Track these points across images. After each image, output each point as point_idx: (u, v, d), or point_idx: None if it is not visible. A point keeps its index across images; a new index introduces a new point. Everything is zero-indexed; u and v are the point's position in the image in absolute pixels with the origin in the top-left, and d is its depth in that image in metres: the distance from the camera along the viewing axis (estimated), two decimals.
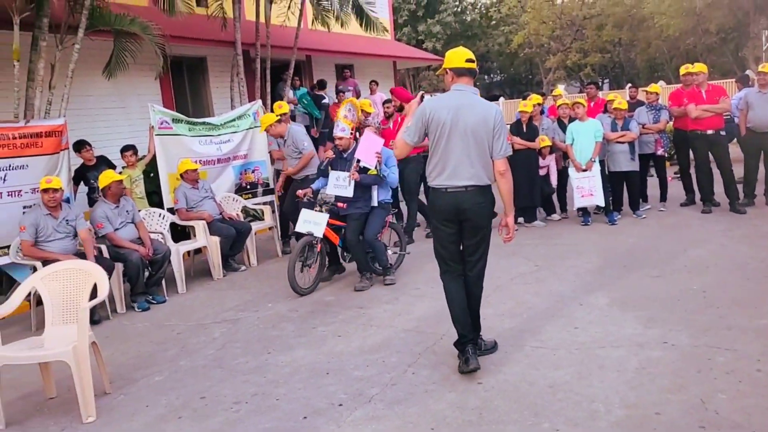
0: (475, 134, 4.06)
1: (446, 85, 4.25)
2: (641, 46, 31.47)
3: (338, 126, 6.66)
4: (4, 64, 7.70)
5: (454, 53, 4.19)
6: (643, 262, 6.61)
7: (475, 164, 4.09)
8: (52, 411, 4.31)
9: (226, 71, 11.92)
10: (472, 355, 4.19)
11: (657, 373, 4.02)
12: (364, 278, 6.60)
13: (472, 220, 4.17)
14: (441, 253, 4.33)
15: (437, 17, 31.86)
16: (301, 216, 6.58)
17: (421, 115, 4.14)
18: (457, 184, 4.11)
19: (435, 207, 4.25)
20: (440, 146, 4.11)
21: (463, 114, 4.06)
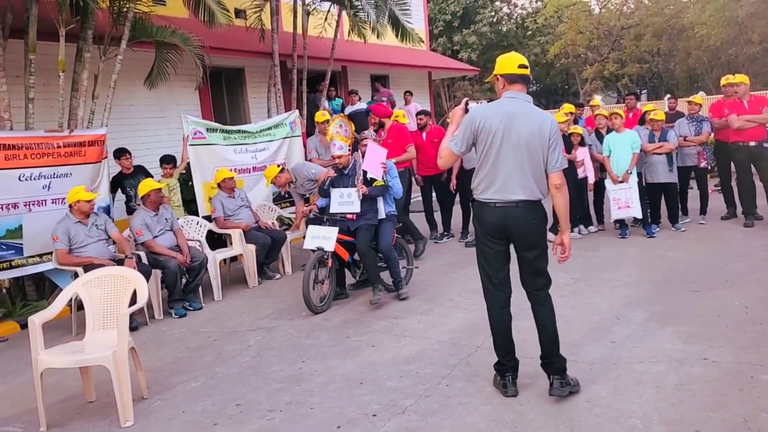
0: (529, 145, 3.79)
1: (497, 93, 3.99)
2: (681, 56, 30.97)
3: (335, 145, 6.59)
4: (50, 75, 7.91)
5: (506, 59, 3.93)
6: (683, 276, 6.49)
7: (528, 177, 3.81)
8: (92, 414, 4.39)
9: (263, 82, 12.07)
10: (511, 383, 4.05)
11: (697, 390, 3.94)
12: (377, 290, 6.37)
13: (522, 239, 3.90)
14: (486, 271, 4.04)
15: (473, 27, 31.80)
16: (309, 232, 6.41)
17: (469, 124, 3.86)
18: (508, 198, 3.82)
19: (482, 223, 3.96)
20: (490, 157, 3.82)
21: (517, 123, 3.78)
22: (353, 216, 6.42)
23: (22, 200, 6.81)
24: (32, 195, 6.88)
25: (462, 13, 32.12)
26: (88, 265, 6.16)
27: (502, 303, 4.05)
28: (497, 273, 4.01)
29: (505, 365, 4.07)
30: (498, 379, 4.13)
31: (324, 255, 6.30)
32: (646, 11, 30.89)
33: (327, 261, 6.35)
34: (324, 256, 6.30)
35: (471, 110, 3.96)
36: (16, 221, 6.78)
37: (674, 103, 11.63)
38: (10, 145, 6.68)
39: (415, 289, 6.84)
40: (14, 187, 6.74)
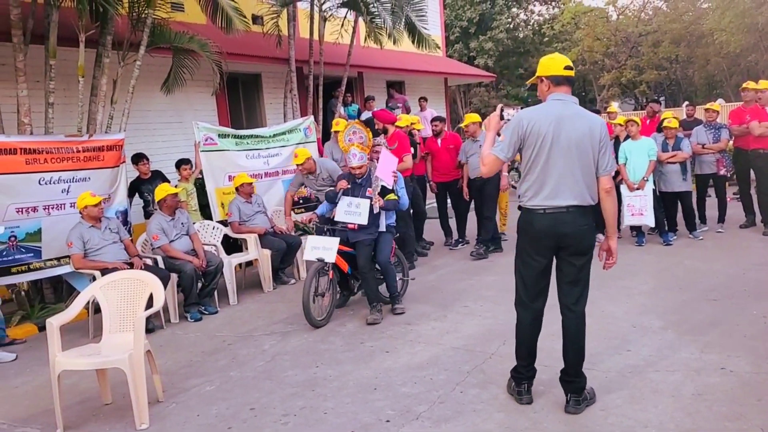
0: (579, 148, 3.67)
1: (541, 96, 3.86)
2: (699, 62, 30.75)
3: (354, 155, 6.27)
4: (70, 80, 8.01)
5: (551, 60, 3.81)
6: (700, 285, 6.44)
7: (579, 182, 3.69)
8: (108, 417, 4.43)
9: (279, 87, 12.14)
10: (526, 390, 4.02)
11: (714, 399, 3.90)
12: (374, 310, 6.15)
13: (573, 246, 3.76)
14: (525, 283, 3.91)
15: (489, 34, 31.77)
16: (309, 243, 6.19)
17: (516, 127, 3.73)
18: (558, 204, 3.69)
19: (529, 231, 3.80)
20: (539, 162, 3.69)
21: (566, 125, 3.66)
22: (355, 226, 6.19)
23: (42, 204, 6.88)
24: (51, 199, 6.96)
25: (478, 20, 32.12)
26: (105, 268, 6.23)
27: (535, 315, 3.95)
28: (536, 286, 3.89)
29: (523, 374, 4.03)
30: (513, 385, 4.09)
31: (325, 266, 6.10)
32: (665, 18, 30.72)
33: (327, 272, 6.14)
34: (324, 267, 6.11)
35: (518, 114, 3.78)
36: (36, 224, 6.86)
37: (692, 110, 11.53)
38: (31, 150, 6.76)
39: (429, 296, 6.84)
40: (34, 190, 6.82)
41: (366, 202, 6.19)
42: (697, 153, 8.91)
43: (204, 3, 9.18)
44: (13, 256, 6.69)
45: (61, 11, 7.33)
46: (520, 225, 3.89)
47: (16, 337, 6.44)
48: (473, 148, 8.47)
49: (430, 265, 8.38)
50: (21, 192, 6.71)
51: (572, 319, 3.88)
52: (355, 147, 6.30)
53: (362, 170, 6.32)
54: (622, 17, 32.73)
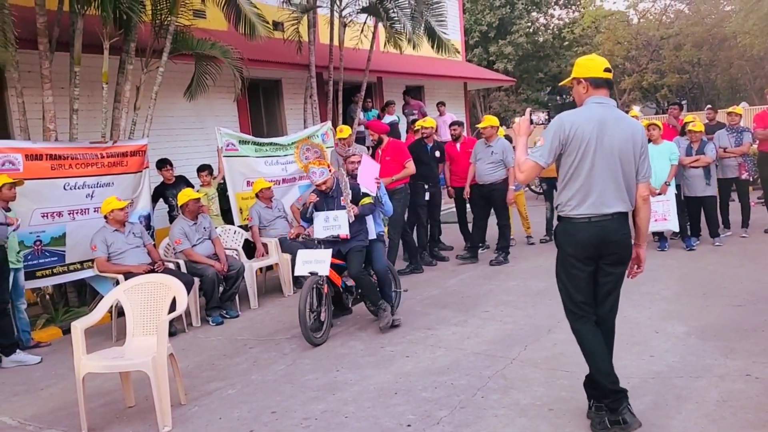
0: (622, 153, 3.54)
1: (577, 98, 3.72)
2: (722, 66, 30.43)
3: (314, 173, 6.10)
4: (94, 87, 8.12)
5: (590, 61, 3.66)
6: (724, 290, 6.37)
7: (622, 188, 3.57)
8: (131, 419, 4.47)
9: (299, 93, 12.20)
10: (630, 413, 3.55)
11: (739, 406, 3.86)
12: (382, 312, 5.96)
13: (617, 254, 3.63)
14: (574, 297, 3.69)
15: (509, 38, 31.70)
16: (299, 257, 5.90)
17: (558, 131, 3.54)
18: (604, 212, 3.55)
19: (573, 242, 3.63)
20: (583, 168, 3.53)
21: (610, 130, 3.52)
22: (347, 235, 5.99)
23: (67, 209, 6.99)
24: (76, 204, 7.07)
25: (498, 24, 32.06)
26: (128, 272, 6.31)
27: (594, 326, 3.70)
28: (586, 297, 3.69)
29: (618, 392, 3.58)
30: (610, 417, 3.59)
31: (319, 280, 5.80)
32: (686, 21, 30.45)
33: (322, 287, 5.85)
34: (319, 281, 5.81)
35: (558, 118, 3.64)
36: (60, 229, 6.96)
37: (712, 113, 11.32)
38: (56, 155, 6.88)
39: (449, 300, 6.83)
40: (59, 196, 6.93)
41: (343, 213, 6.01)
42: (720, 157, 8.82)
43: (226, 10, 9.26)
44: (38, 260, 6.79)
45: (86, 19, 7.44)
46: (562, 236, 3.70)
47: (41, 340, 6.53)
48: (483, 152, 8.39)
49: (450, 269, 8.38)
50: (46, 197, 6.82)
51: (608, 328, 3.75)
52: (313, 165, 6.20)
53: (328, 184, 6.12)
54: (643, 21, 32.51)
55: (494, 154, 8.33)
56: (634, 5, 32.49)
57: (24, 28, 7.02)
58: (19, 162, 6.56)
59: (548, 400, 4.15)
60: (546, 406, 4.08)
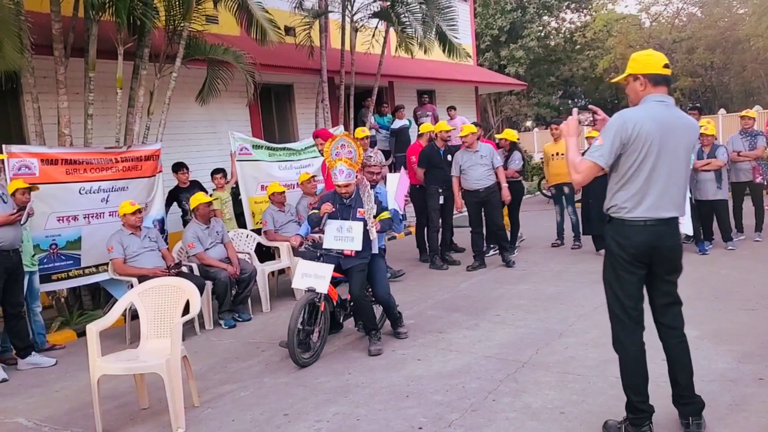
0: (684, 156, 3.43)
1: (632, 96, 3.53)
2: (735, 69, 30.28)
3: (341, 171, 5.53)
4: (108, 92, 8.21)
5: (648, 56, 3.46)
6: (737, 294, 6.34)
7: (680, 192, 3.45)
8: (145, 420, 4.52)
9: (311, 98, 12.28)
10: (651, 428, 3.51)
11: (752, 410, 3.85)
12: (374, 339, 5.59)
13: (671, 262, 3.52)
14: (623, 303, 3.52)
15: (520, 42, 31.70)
16: (299, 269, 5.49)
17: (620, 130, 3.35)
18: (661, 216, 3.40)
19: (626, 245, 3.45)
20: (643, 170, 3.35)
21: (673, 131, 3.37)
22: (352, 252, 5.54)
23: (82, 213, 7.08)
24: (91, 208, 7.15)
25: (509, 28, 32.07)
26: (143, 276, 6.37)
27: (641, 339, 3.57)
28: (637, 304, 3.52)
29: (645, 411, 3.53)
30: (629, 428, 3.57)
31: (316, 298, 5.40)
32: (699, 24, 30.32)
33: (319, 305, 5.43)
34: (316, 299, 5.41)
35: (620, 116, 3.42)
36: (76, 233, 7.04)
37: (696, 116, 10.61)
38: (71, 160, 6.97)
39: (460, 304, 6.84)
40: (75, 200, 7.01)
41: (359, 225, 5.52)
42: (733, 160, 8.79)
43: (239, 15, 9.34)
44: (53, 264, 6.87)
45: (101, 25, 7.54)
46: (614, 239, 3.52)
47: (56, 342, 6.60)
48: (471, 159, 8.36)
49: (462, 273, 8.39)
50: (62, 201, 6.90)
51: (677, 338, 3.62)
52: (342, 162, 5.57)
53: (349, 189, 5.60)
54: (655, 24, 32.41)
55: (484, 157, 8.35)
56: (646, 8, 32.40)
57: (39, 34, 7.11)
58: (35, 167, 6.64)
59: (559, 404, 4.15)
60: (557, 409, 4.08)
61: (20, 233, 5.89)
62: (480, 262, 8.65)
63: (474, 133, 8.47)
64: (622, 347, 3.58)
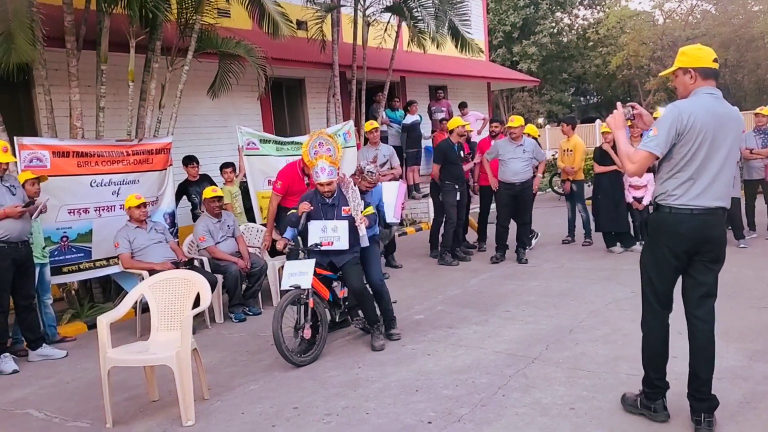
0: (733, 147, 3.53)
1: (681, 89, 3.62)
2: (749, 67, 30.05)
3: (323, 169, 5.40)
4: (120, 85, 8.23)
5: (698, 50, 3.56)
6: (748, 293, 6.29)
7: (728, 182, 3.55)
8: (155, 413, 4.53)
9: (322, 92, 12.27)
10: (663, 407, 3.71)
11: (763, 408, 3.82)
12: (377, 333, 5.57)
13: (715, 251, 3.58)
14: (656, 285, 3.66)
15: (533, 38, 31.59)
16: (285, 269, 5.39)
17: (675, 121, 3.44)
18: (708, 205, 3.48)
19: (673, 233, 3.54)
20: (696, 160, 3.45)
21: (724, 123, 3.48)
22: (330, 243, 5.45)
23: (93, 206, 7.10)
24: (102, 201, 7.17)
25: (522, 24, 31.96)
26: (152, 269, 6.38)
27: (667, 321, 3.73)
28: (669, 290, 3.66)
29: (660, 388, 3.73)
30: (643, 401, 3.79)
31: (302, 294, 5.28)
32: (713, 21, 30.10)
33: (307, 301, 5.29)
34: (302, 295, 5.29)
35: (675, 107, 3.50)
36: (87, 226, 7.07)
37: None
38: (83, 153, 6.99)
39: (470, 300, 6.83)
40: (86, 193, 7.03)
41: (344, 224, 5.44)
42: (746, 158, 8.71)
43: (251, 9, 9.33)
44: (64, 256, 6.90)
45: (113, 18, 7.55)
46: (658, 226, 3.64)
47: (67, 334, 6.63)
48: (513, 152, 8.41)
49: (472, 269, 8.37)
50: (73, 194, 6.93)
51: (706, 332, 3.62)
52: (323, 160, 5.50)
53: (332, 187, 5.48)
54: (668, 21, 32.19)
55: (526, 152, 8.43)
56: (659, 5, 32.17)
57: (51, 27, 7.14)
58: (46, 159, 6.67)
59: (569, 400, 4.13)
60: (567, 405, 4.06)
61: (28, 226, 5.88)
62: (502, 254, 8.69)
63: (522, 126, 8.60)
64: (648, 327, 3.75)
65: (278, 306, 5.22)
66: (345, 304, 5.80)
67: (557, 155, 10.02)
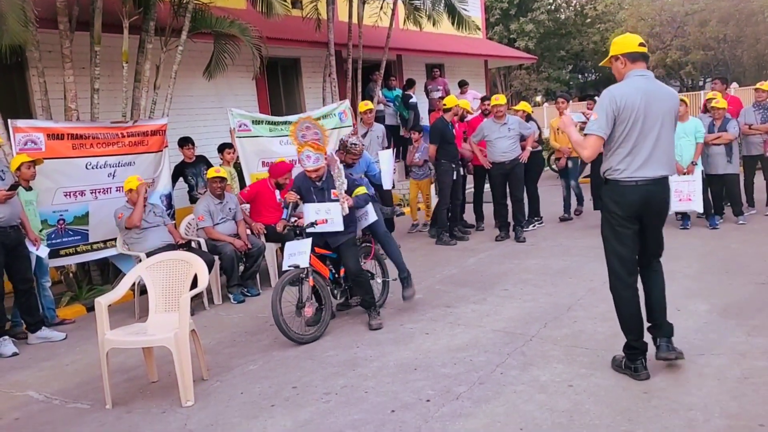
0: (665, 121, 3.88)
1: (616, 74, 4.01)
2: (749, 42, 29.81)
3: (309, 157, 5.43)
4: (114, 66, 8.17)
5: (625, 38, 3.97)
6: (747, 269, 6.29)
7: (668, 152, 3.93)
8: (154, 393, 4.54)
9: (318, 72, 12.17)
10: (643, 366, 4.01)
11: (761, 383, 3.82)
12: (374, 314, 5.60)
13: (661, 213, 4.02)
14: (620, 255, 4.00)
15: (530, 15, 31.32)
16: (286, 250, 5.46)
17: (610, 104, 3.82)
18: (651, 175, 3.86)
19: (621, 203, 3.92)
20: (632, 136, 3.83)
21: (655, 99, 3.84)
22: (324, 221, 5.49)
23: (89, 188, 7.08)
24: (98, 183, 7.15)
25: (519, 1, 31.67)
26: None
27: (634, 285, 4.06)
28: (632, 255, 4.01)
29: (638, 349, 4.04)
30: (625, 362, 4.11)
31: (301, 273, 5.35)
32: None
33: (307, 279, 5.37)
34: (301, 274, 5.36)
35: (608, 92, 3.89)
36: (83, 208, 7.05)
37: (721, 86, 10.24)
38: (78, 135, 6.95)
39: (468, 279, 6.83)
40: (81, 175, 7.00)
41: (336, 206, 5.49)
42: (745, 134, 8.68)
43: None
44: (61, 239, 6.89)
45: None
46: (610, 198, 4.00)
47: (66, 317, 6.64)
48: (498, 131, 8.38)
49: (470, 248, 8.37)
50: (69, 176, 6.90)
51: (660, 280, 4.16)
52: (308, 147, 5.47)
53: (319, 173, 5.52)
54: None
55: (511, 130, 8.39)
56: None
57: (44, 8, 7.07)
58: (41, 141, 6.63)
59: (567, 377, 4.14)
60: (565, 382, 4.07)
61: (17, 210, 5.82)
62: (506, 232, 8.70)
63: (506, 105, 8.58)
64: (618, 293, 4.09)
65: (277, 284, 5.31)
66: (345, 283, 5.88)
67: (549, 134, 9.95)
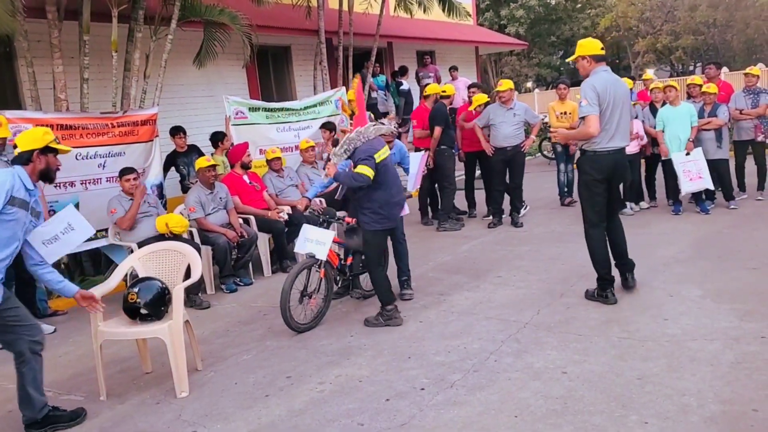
0: (625, 104, 5.15)
1: (582, 70, 5.17)
2: (738, 26, 29.84)
3: None
4: (103, 56, 8.09)
5: (589, 43, 5.15)
6: (739, 254, 6.32)
7: (626, 128, 5.24)
8: (148, 384, 4.54)
9: (309, 60, 12.11)
10: (612, 294, 5.20)
11: (754, 368, 3.85)
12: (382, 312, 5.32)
13: (622, 175, 5.42)
14: (595, 209, 5.23)
15: (520, 1, 31.22)
16: (303, 233, 5.49)
17: (594, 90, 4.98)
18: (617, 146, 5.13)
19: (599, 167, 5.14)
20: (605, 115, 5.02)
21: (616, 87, 5.08)
22: (352, 220, 5.58)
23: (79, 179, 7.02)
24: (88, 173, 7.08)
25: None
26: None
27: (603, 231, 5.30)
28: (603, 208, 5.25)
29: (607, 280, 5.22)
30: (597, 292, 5.27)
31: (315, 264, 5.39)
32: None
33: (318, 271, 5.41)
34: (315, 264, 5.40)
35: (588, 83, 5.04)
36: (73, 199, 6.96)
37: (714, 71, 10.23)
38: (67, 126, 6.87)
39: (462, 266, 6.83)
40: (71, 165, 6.92)
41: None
42: (736, 119, 8.69)
43: None
44: None
45: None
46: (589, 165, 5.20)
47: (58, 308, 6.60)
48: (504, 116, 8.33)
49: (463, 235, 8.37)
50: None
51: (620, 226, 5.43)
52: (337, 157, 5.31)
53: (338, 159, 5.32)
54: None
55: (517, 116, 8.35)
56: None
57: None
58: None
59: (561, 363, 4.16)
60: (559, 369, 4.09)
61: None
62: (499, 218, 8.71)
63: (512, 89, 8.52)
64: (591, 238, 5.32)
65: (292, 271, 5.30)
66: (350, 272, 5.91)
67: (548, 119, 9.88)
